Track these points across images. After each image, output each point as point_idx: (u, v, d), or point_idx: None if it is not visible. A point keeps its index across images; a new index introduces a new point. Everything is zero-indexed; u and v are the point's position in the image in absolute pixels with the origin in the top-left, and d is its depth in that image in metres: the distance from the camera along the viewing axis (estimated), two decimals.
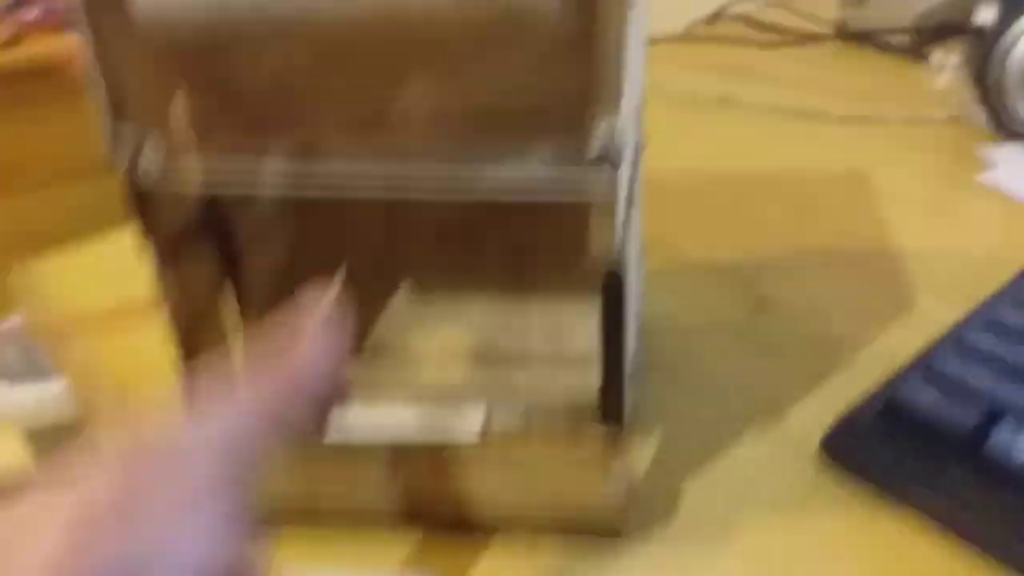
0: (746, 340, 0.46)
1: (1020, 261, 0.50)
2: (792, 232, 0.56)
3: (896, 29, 0.86)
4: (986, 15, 0.70)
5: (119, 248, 0.45)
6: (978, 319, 0.42)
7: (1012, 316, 0.41)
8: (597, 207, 0.29)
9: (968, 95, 0.69)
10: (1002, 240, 0.55)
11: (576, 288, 0.41)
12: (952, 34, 0.84)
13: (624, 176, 0.29)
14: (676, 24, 0.96)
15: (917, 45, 0.84)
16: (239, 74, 0.32)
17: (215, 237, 0.37)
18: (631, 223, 0.34)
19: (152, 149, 0.31)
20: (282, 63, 0.32)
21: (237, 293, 0.38)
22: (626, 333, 0.32)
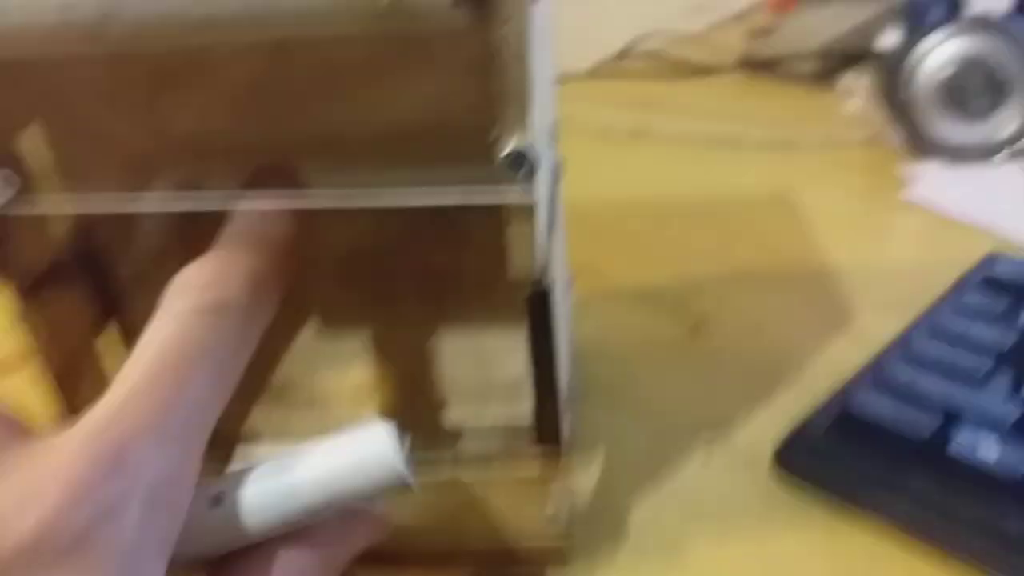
0: (684, 362, 0.44)
1: (951, 271, 0.49)
2: (720, 255, 0.54)
3: (802, 56, 0.86)
4: (890, 38, 0.71)
5: None
6: (922, 327, 0.40)
7: (956, 323, 0.40)
8: (515, 224, 0.27)
9: (881, 117, 0.69)
10: (930, 252, 0.54)
11: (500, 313, 0.38)
12: (857, 60, 0.85)
13: (540, 187, 0.27)
14: (583, 62, 0.96)
15: (824, 72, 0.85)
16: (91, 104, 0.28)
17: (92, 275, 0.32)
18: (554, 243, 0.31)
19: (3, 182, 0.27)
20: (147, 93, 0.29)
21: (124, 335, 0.34)
22: (557, 349, 0.29)
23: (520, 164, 0.25)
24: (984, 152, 0.64)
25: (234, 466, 0.27)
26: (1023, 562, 0.29)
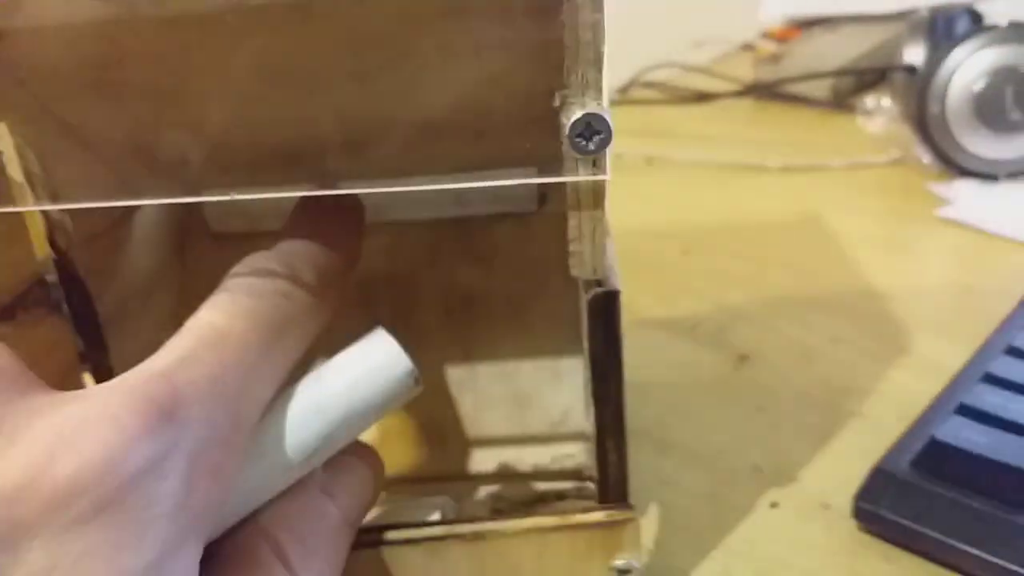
0: (734, 397, 0.39)
1: (1002, 290, 0.45)
2: (755, 281, 0.50)
3: (814, 76, 0.83)
4: (915, 54, 0.68)
5: None
6: (996, 349, 0.36)
7: None
8: (582, 208, 0.23)
9: (907, 136, 0.66)
10: (977, 271, 0.50)
11: (536, 341, 0.34)
12: (871, 81, 0.82)
13: (608, 164, 0.23)
14: None
15: (838, 95, 0.82)
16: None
17: (76, 303, 0.28)
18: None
19: None
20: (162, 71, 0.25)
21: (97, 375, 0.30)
22: (623, 362, 0.25)
23: (592, 133, 0.21)
24: (1020, 168, 0.61)
25: None
26: None
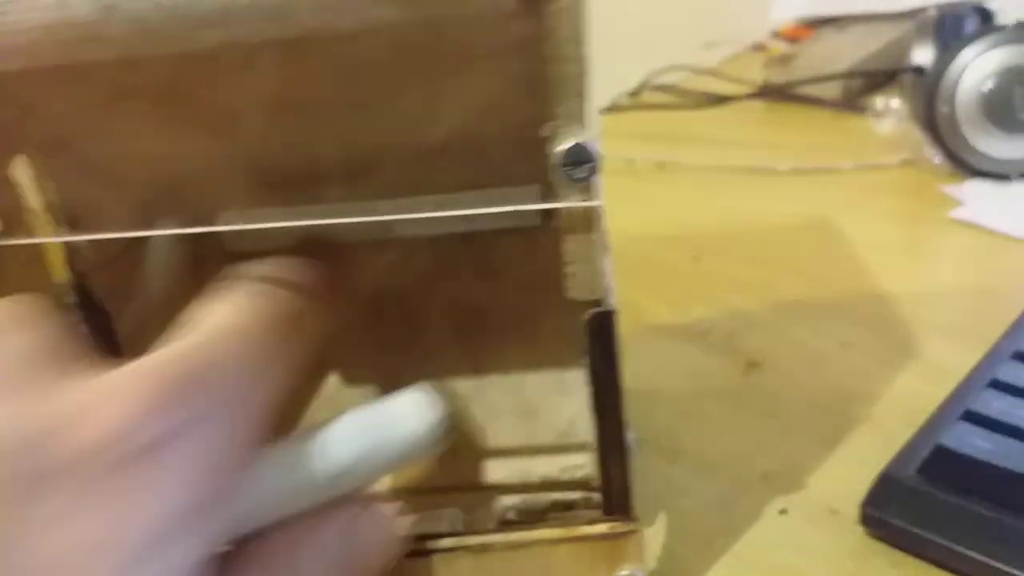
0: (744, 404, 0.40)
1: (1019, 291, 0.45)
2: (765, 286, 0.50)
3: (825, 78, 0.83)
4: (924, 55, 0.68)
5: None
6: (1004, 354, 0.36)
7: None
8: (576, 233, 0.23)
9: (917, 137, 0.66)
10: (989, 273, 0.50)
11: (543, 354, 0.34)
12: (881, 82, 0.82)
13: (600, 189, 0.23)
14: (599, 100, 0.93)
15: (848, 96, 0.82)
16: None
17: (93, 325, 0.29)
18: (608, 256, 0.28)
19: None
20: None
21: None
22: (622, 384, 0.25)
23: (580, 161, 0.22)
24: None
25: None
26: None
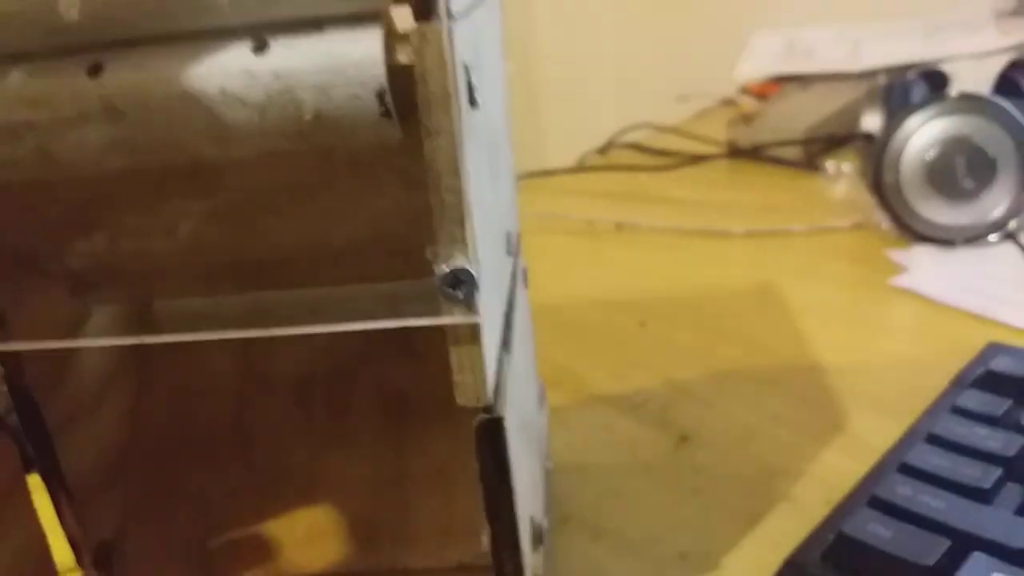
0: (671, 480, 0.41)
1: (948, 364, 0.46)
2: (705, 355, 0.52)
3: (786, 142, 0.85)
4: (872, 121, 0.70)
5: None
6: (919, 435, 0.37)
7: (954, 429, 0.37)
8: (460, 345, 0.24)
9: (868, 201, 0.67)
10: (925, 344, 0.51)
11: (466, 440, 0.35)
12: (842, 142, 0.84)
13: (487, 306, 0.25)
14: (569, 157, 0.95)
15: (809, 157, 0.84)
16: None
17: (24, 414, 0.30)
18: (514, 360, 0.29)
19: None
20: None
21: (51, 484, 0.31)
22: (514, 484, 0.26)
23: (459, 284, 0.23)
24: (975, 234, 0.62)
25: None
26: None
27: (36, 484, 0.31)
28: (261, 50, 0.21)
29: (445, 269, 0.23)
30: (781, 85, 1.00)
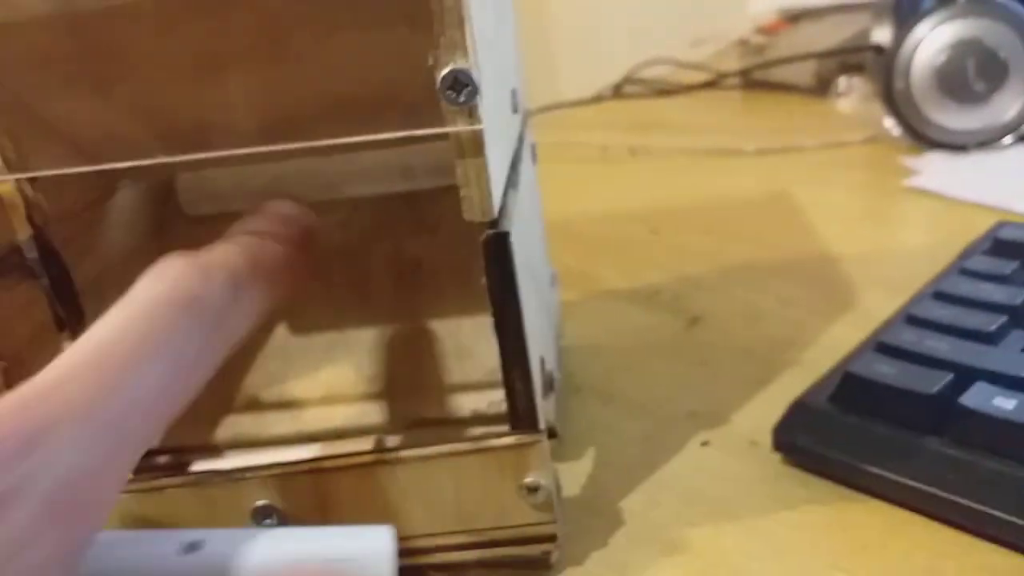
0: (680, 355, 0.41)
1: (959, 248, 0.46)
2: (717, 254, 0.52)
3: (793, 58, 0.85)
4: (884, 34, 0.70)
5: None
6: (927, 295, 0.38)
7: (962, 286, 0.37)
8: (465, 157, 0.25)
9: (879, 114, 0.67)
10: (936, 232, 0.51)
11: (476, 304, 0.36)
12: (853, 69, 0.83)
13: (491, 119, 0.25)
14: (585, 91, 0.95)
15: (821, 83, 0.83)
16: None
17: (51, 272, 0.31)
18: (517, 196, 0.30)
19: None
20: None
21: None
22: (522, 304, 0.27)
23: (461, 86, 0.23)
24: (988, 137, 0.62)
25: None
26: None
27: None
28: None
29: (446, 70, 0.23)
30: (794, 23, 0.99)
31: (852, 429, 0.31)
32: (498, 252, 0.26)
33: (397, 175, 0.38)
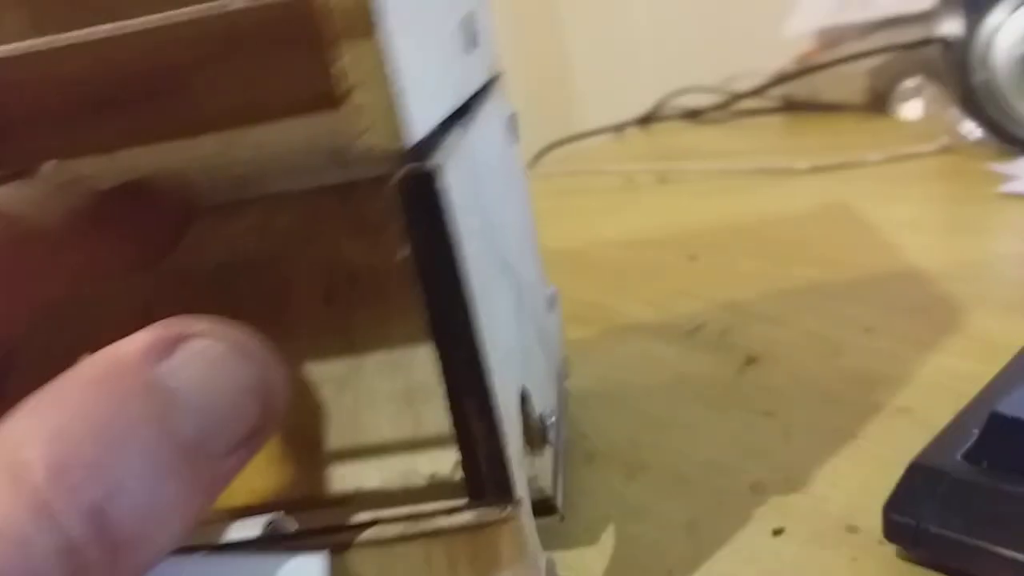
0: (734, 405, 0.30)
1: None
2: (773, 277, 0.41)
3: (843, 59, 0.75)
4: (952, 26, 0.59)
5: None
6: None
7: None
8: (345, 36, 0.15)
9: (954, 118, 0.57)
10: None
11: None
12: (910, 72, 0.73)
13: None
14: (611, 119, 0.86)
15: (877, 97, 0.73)
16: None
17: None
18: (466, 135, 0.19)
19: None
20: None
21: None
22: (473, 295, 0.16)
23: None
24: None
25: None
26: None
27: None
28: None
29: None
30: (834, 49, 0.90)
31: (1010, 501, 0.20)
32: (424, 203, 0.16)
33: (325, 163, 0.28)
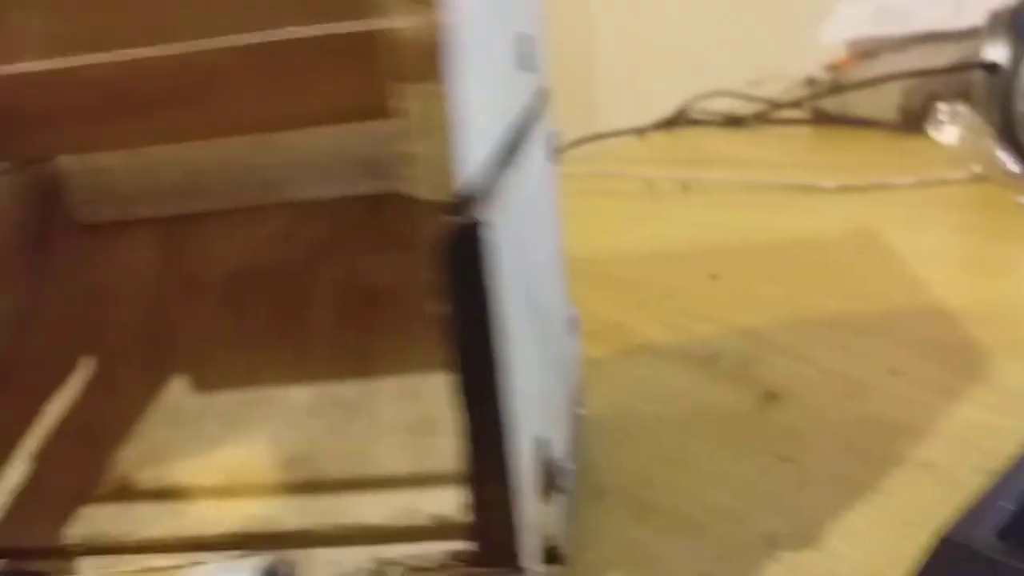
0: (751, 446, 0.29)
1: None
2: (796, 306, 0.40)
3: (876, 80, 0.73)
4: (997, 52, 0.58)
5: None
6: None
7: None
8: (410, 78, 0.14)
9: (990, 147, 0.55)
10: None
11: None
12: (947, 95, 0.71)
13: (472, 35, 0.14)
14: (636, 122, 0.84)
15: (909, 116, 0.72)
16: None
17: None
18: (515, 179, 0.18)
19: None
20: None
21: None
22: (510, 357, 0.15)
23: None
24: None
25: None
26: None
27: None
28: None
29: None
30: (868, 60, 0.88)
31: None
32: (464, 258, 0.15)
33: (358, 172, 0.27)
